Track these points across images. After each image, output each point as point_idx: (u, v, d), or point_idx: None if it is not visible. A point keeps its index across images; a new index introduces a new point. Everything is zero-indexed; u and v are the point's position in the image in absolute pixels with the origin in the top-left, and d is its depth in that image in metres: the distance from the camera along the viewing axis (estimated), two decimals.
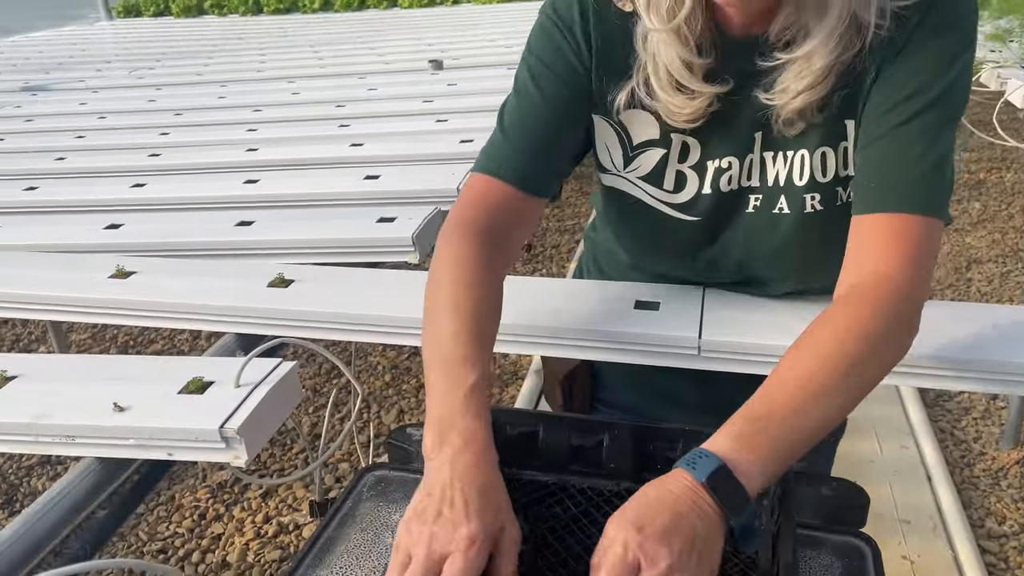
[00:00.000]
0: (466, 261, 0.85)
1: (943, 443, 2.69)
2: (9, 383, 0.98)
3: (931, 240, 0.81)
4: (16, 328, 3.92)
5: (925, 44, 0.80)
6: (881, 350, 0.76)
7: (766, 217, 0.93)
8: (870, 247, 0.81)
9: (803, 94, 0.82)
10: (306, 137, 2.37)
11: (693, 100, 0.86)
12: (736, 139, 0.90)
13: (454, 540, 0.65)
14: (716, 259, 1.00)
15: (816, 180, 0.90)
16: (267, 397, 0.91)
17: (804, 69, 0.80)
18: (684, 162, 0.93)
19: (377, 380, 3.33)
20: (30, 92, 3.62)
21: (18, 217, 1.75)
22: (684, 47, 0.83)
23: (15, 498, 2.82)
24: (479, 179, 0.93)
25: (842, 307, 0.78)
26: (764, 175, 0.92)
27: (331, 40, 4.96)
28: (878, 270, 0.79)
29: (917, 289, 0.79)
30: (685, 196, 0.94)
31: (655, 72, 0.86)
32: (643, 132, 0.92)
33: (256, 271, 1.26)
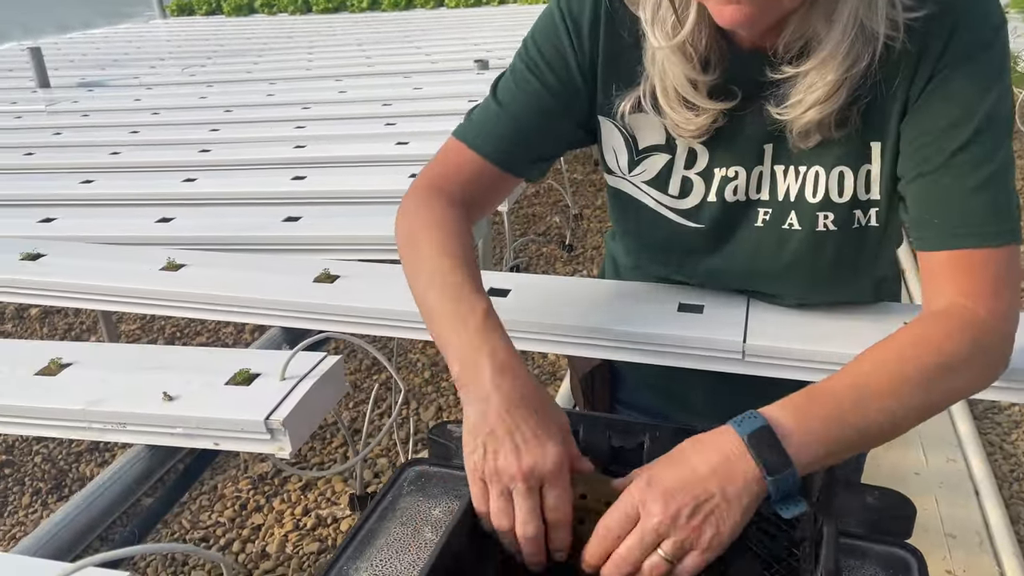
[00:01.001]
0: (440, 212, 0.90)
1: (992, 456, 2.62)
2: (64, 370, 1.01)
3: (1010, 268, 0.79)
4: (68, 317, 4.03)
5: (956, 72, 0.78)
6: (956, 369, 0.75)
7: (775, 232, 0.91)
8: (946, 285, 0.80)
9: (815, 107, 0.80)
10: (353, 135, 2.40)
11: (698, 116, 0.85)
12: (744, 149, 0.88)
13: (547, 466, 0.69)
14: (719, 269, 0.99)
15: (831, 199, 0.87)
16: (312, 390, 0.93)
17: (816, 81, 0.78)
18: (691, 168, 0.92)
19: (416, 377, 3.35)
20: (87, 88, 3.72)
21: (75, 209, 1.80)
22: (688, 64, 0.82)
23: (64, 483, 2.89)
24: (459, 147, 0.95)
25: (919, 323, 0.78)
26: (774, 189, 0.90)
27: (378, 39, 5.01)
28: (957, 302, 0.78)
29: (1003, 320, 0.78)
30: (691, 202, 0.93)
31: (662, 88, 0.85)
32: (649, 136, 0.91)
33: (303, 266, 1.28)
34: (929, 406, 0.74)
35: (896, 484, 1.16)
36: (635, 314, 1.00)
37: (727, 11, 0.73)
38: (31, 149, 2.42)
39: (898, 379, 0.72)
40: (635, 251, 1.08)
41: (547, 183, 5.09)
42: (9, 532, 2.68)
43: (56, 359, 1.03)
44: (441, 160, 0.96)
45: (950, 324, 0.77)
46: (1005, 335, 0.79)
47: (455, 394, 3.22)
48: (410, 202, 0.93)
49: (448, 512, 0.86)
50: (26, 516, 2.74)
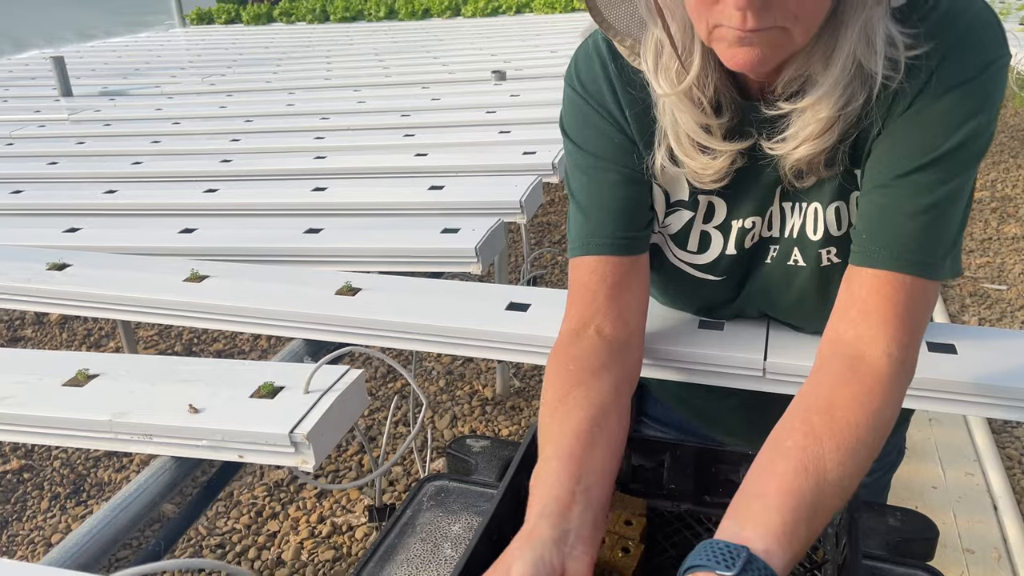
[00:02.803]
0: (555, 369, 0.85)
1: (1011, 471, 2.60)
2: (91, 381, 1.03)
3: (921, 300, 0.78)
4: (87, 323, 4.07)
5: (936, 101, 0.76)
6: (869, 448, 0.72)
7: (782, 269, 0.91)
8: (860, 301, 0.78)
9: (806, 144, 0.79)
10: (372, 146, 2.42)
11: (715, 160, 0.83)
12: (759, 196, 0.88)
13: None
14: (741, 311, 1.01)
15: (830, 234, 0.87)
16: (335, 404, 0.94)
17: (809, 119, 0.78)
18: (709, 222, 0.92)
19: (432, 385, 3.36)
20: (108, 97, 3.77)
21: (99, 219, 1.82)
22: (697, 109, 0.81)
23: (82, 488, 2.92)
24: (579, 263, 0.91)
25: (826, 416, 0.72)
26: (784, 226, 0.90)
27: (396, 49, 5.04)
28: (868, 339, 0.76)
29: (904, 350, 0.77)
30: (709, 257, 0.93)
31: (675, 136, 0.84)
32: (677, 192, 0.91)
33: (324, 279, 1.29)
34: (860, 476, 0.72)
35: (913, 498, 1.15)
36: (656, 330, 1.00)
37: (739, 54, 0.72)
38: (55, 158, 2.46)
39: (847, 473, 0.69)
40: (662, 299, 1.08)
41: (562, 193, 5.10)
42: (28, 536, 2.70)
43: (83, 370, 1.04)
44: (572, 291, 0.91)
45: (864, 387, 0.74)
46: (904, 369, 0.77)
47: (470, 403, 3.23)
48: (547, 365, 0.87)
49: (468, 528, 0.86)
50: (44, 521, 2.77)
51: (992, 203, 4.76)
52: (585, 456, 0.74)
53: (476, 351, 1.12)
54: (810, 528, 0.65)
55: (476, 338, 1.11)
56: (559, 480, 0.71)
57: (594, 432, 0.76)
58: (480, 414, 3.17)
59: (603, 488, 0.73)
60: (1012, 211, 4.62)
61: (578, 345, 0.86)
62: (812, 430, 0.70)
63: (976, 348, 0.98)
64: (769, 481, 0.67)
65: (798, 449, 0.69)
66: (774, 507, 0.65)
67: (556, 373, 0.84)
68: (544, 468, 0.73)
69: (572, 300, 0.91)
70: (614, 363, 0.85)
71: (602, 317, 0.88)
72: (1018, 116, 6.26)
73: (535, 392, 3.28)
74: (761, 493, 0.67)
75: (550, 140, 2.19)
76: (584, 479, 0.71)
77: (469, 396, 3.28)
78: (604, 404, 0.80)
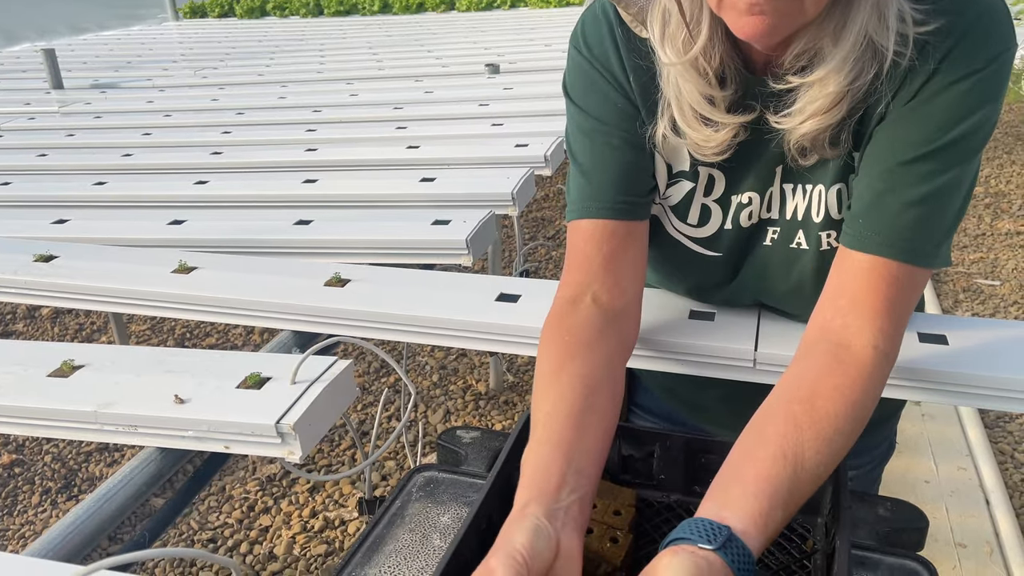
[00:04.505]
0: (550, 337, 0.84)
1: (1003, 465, 2.61)
2: (76, 372, 1.02)
3: (911, 287, 0.79)
4: (79, 317, 4.05)
5: (944, 91, 0.76)
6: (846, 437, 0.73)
7: (783, 252, 0.91)
8: (849, 287, 0.79)
9: (813, 119, 0.78)
10: (364, 139, 2.41)
11: (718, 132, 0.83)
12: (759, 172, 0.88)
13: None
14: (735, 295, 0.99)
15: (831, 217, 0.87)
16: (323, 394, 0.93)
17: (817, 93, 0.77)
18: (709, 196, 0.91)
19: (425, 380, 3.35)
20: (99, 89, 3.74)
21: (88, 211, 1.81)
22: (703, 80, 0.81)
23: (73, 483, 2.91)
24: (577, 227, 0.90)
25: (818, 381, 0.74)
26: (783, 208, 0.89)
27: (389, 43, 5.02)
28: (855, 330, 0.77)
29: (888, 341, 0.77)
30: (708, 231, 0.93)
31: (678, 108, 0.83)
32: (679, 163, 0.91)
33: (313, 270, 1.28)
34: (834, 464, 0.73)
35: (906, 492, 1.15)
36: (646, 321, 1.00)
37: (748, 23, 0.71)
38: (44, 150, 2.44)
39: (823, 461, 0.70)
40: (658, 280, 1.08)
41: (557, 187, 5.09)
42: (19, 531, 2.69)
43: (68, 361, 1.03)
44: (569, 257, 0.91)
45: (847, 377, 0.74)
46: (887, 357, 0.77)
47: (463, 397, 3.23)
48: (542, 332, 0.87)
49: (457, 519, 0.86)
50: (35, 515, 2.76)
51: (986, 199, 4.77)
52: (576, 439, 0.74)
53: (465, 342, 1.11)
54: (785, 512, 0.67)
55: (465, 329, 1.10)
56: (550, 464, 0.71)
57: (586, 414, 0.76)
58: (473, 409, 3.16)
59: (594, 468, 0.73)
60: (1006, 207, 4.63)
61: (574, 315, 0.86)
62: (794, 419, 0.71)
63: (967, 339, 0.98)
64: (749, 466, 0.69)
65: (778, 436, 0.70)
66: (752, 493, 0.66)
67: (551, 343, 0.84)
68: (535, 452, 0.73)
69: (569, 266, 0.90)
70: (610, 333, 0.85)
71: (599, 285, 0.87)
72: (1012, 112, 6.27)
73: (528, 387, 3.27)
74: (741, 478, 0.68)
75: (543, 133, 2.19)
76: (575, 461, 0.72)
77: (462, 391, 3.28)
78: (598, 379, 0.80)
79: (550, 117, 2.43)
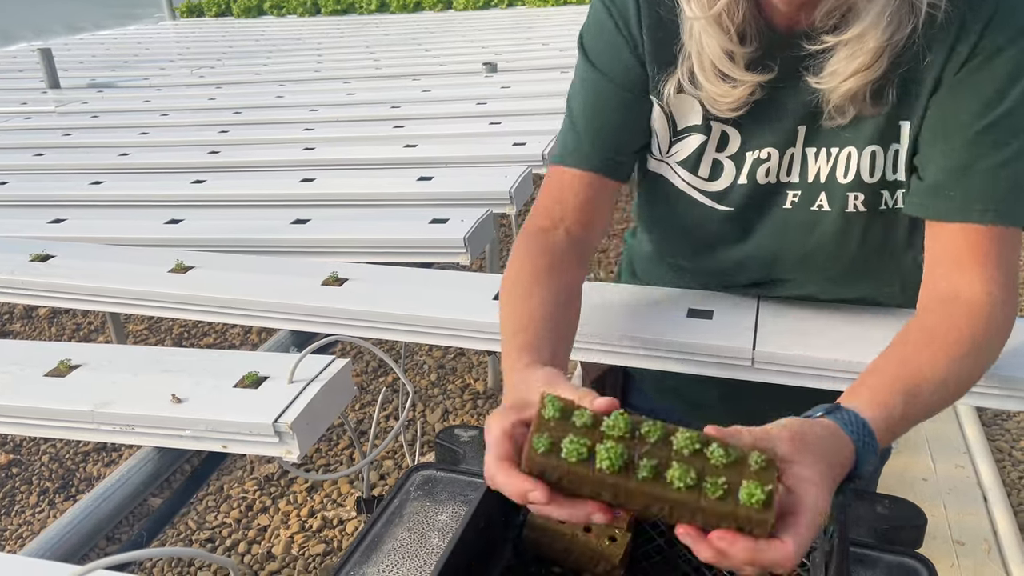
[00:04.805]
0: (525, 251, 0.91)
1: (1000, 463, 2.61)
2: (73, 371, 1.01)
3: (1011, 248, 0.81)
4: (76, 317, 4.05)
5: (992, 58, 0.78)
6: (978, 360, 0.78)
7: (804, 214, 0.92)
8: (955, 260, 0.81)
9: (854, 76, 0.80)
10: (361, 137, 2.40)
11: (735, 88, 0.85)
12: (778, 130, 0.89)
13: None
14: (742, 259, 0.98)
15: (862, 179, 0.88)
16: (320, 393, 0.92)
17: (856, 50, 0.79)
18: (722, 151, 0.92)
19: (423, 379, 3.35)
20: (96, 89, 3.74)
21: (85, 210, 1.81)
22: (725, 35, 0.83)
23: (71, 483, 2.90)
24: (557, 172, 0.96)
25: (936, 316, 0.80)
26: (804, 171, 0.90)
27: (387, 41, 5.02)
28: (965, 284, 0.80)
29: (1005, 300, 0.80)
30: (720, 185, 0.93)
31: (699, 61, 0.86)
32: (687, 118, 0.92)
33: (311, 269, 1.28)
34: (956, 398, 0.79)
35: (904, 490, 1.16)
36: (644, 319, 1.00)
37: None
38: (41, 150, 2.43)
39: (942, 382, 0.75)
40: (659, 240, 1.08)
41: None
42: (16, 531, 2.69)
43: (65, 360, 1.03)
44: (545, 193, 0.96)
45: (970, 318, 0.78)
46: (1007, 316, 0.80)
47: (461, 396, 3.22)
48: (516, 249, 0.93)
49: (455, 517, 0.85)
50: (33, 516, 2.75)
51: None
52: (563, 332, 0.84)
53: (464, 341, 1.11)
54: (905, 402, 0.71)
55: (464, 328, 1.10)
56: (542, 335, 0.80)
57: (562, 320, 0.85)
58: (472, 407, 3.16)
59: (565, 361, 0.82)
60: None
61: (549, 240, 0.92)
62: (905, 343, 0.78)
63: None
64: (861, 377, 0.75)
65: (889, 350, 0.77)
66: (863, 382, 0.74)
67: (529, 256, 0.90)
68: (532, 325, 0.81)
69: (545, 201, 0.95)
70: (576, 260, 0.92)
71: (572, 221, 0.94)
72: None
73: None
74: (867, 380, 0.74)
75: (541, 131, 2.18)
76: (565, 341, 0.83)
77: (461, 390, 3.28)
78: (569, 296, 0.88)
79: (548, 116, 2.42)
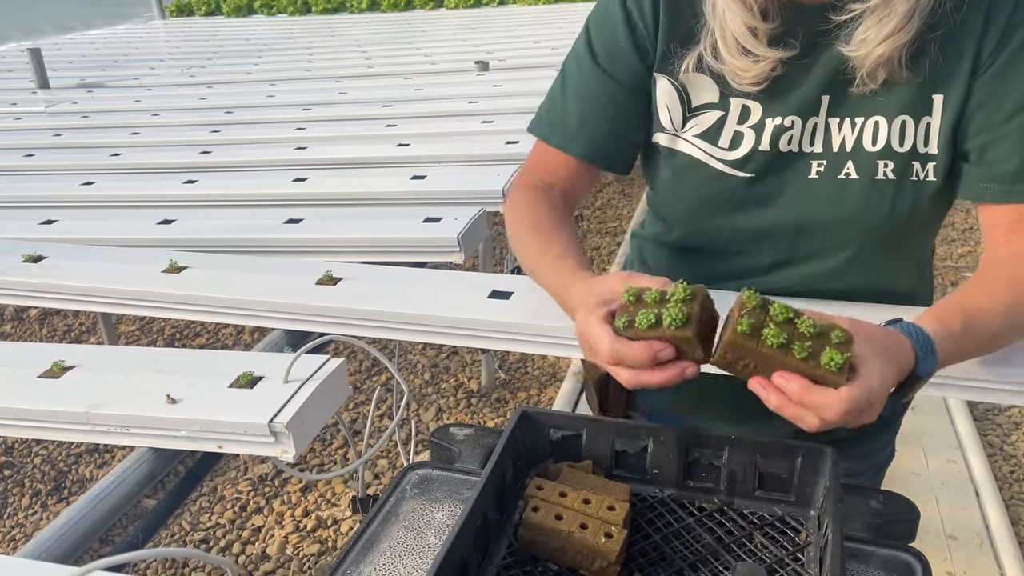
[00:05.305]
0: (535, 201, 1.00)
1: (992, 458, 2.62)
2: (67, 373, 1.01)
3: None
4: (68, 318, 4.03)
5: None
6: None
7: (831, 182, 0.92)
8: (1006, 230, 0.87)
9: (886, 41, 0.82)
10: (353, 136, 2.40)
11: (757, 64, 0.87)
12: (801, 99, 0.90)
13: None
14: (767, 226, 0.97)
15: (892, 148, 0.89)
16: (315, 393, 0.92)
17: (885, 15, 0.81)
18: (743, 124, 0.93)
19: (417, 378, 3.35)
20: (86, 89, 3.72)
21: (76, 211, 1.80)
22: (748, 12, 0.85)
23: (63, 484, 2.89)
24: (538, 145, 1.04)
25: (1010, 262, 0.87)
26: (828, 140, 0.91)
27: (378, 40, 5.01)
28: (1016, 244, 0.86)
29: None
30: (740, 152, 0.94)
31: (721, 36, 0.87)
32: (702, 95, 0.94)
33: (305, 268, 1.28)
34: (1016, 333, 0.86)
35: (896, 485, 1.16)
36: None
37: None
38: (31, 150, 2.42)
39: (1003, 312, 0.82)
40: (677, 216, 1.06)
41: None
42: (9, 533, 2.67)
43: (59, 362, 1.03)
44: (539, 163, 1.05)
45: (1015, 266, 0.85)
46: None
47: (455, 395, 3.22)
48: (509, 196, 1.04)
49: (451, 516, 0.85)
50: (26, 518, 2.74)
51: None
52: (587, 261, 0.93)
53: (458, 340, 1.11)
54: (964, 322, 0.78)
55: (458, 327, 1.10)
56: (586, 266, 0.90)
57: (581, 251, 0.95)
58: (466, 406, 3.16)
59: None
60: None
61: (552, 198, 1.01)
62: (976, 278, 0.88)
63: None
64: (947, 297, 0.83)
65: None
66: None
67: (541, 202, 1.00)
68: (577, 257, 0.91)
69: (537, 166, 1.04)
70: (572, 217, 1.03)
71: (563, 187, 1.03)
72: None
73: (520, 384, 3.27)
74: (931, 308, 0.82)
75: None
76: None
77: (455, 388, 3.28)
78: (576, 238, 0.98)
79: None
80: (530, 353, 1.00)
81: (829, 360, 0.67)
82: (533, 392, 3.21)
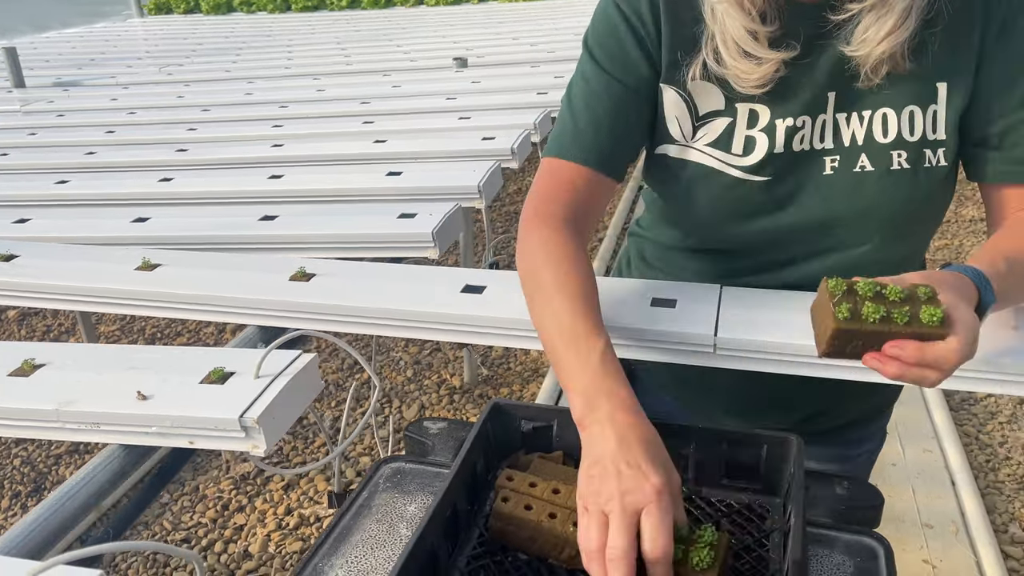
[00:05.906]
0: (557, 244, 0.91)
1: (968, 447, 2.66)
2: (37, 371, 1.01)
3: None
4: (47, 319, 4.00)
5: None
6: None
7: (847, 177, 0.93)
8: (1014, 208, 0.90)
9: (888, 38, 0.83)
10: (330, 133, 2.39)
11: (760, 66, 0.88)
12: (808, 98, 0.91)
13: (645, 492, 0.68)
14: (787, 227, 0.97)
15: (903, 138, 0.91)
16: (286, 388, 0.92)
17: (883, 13, 0.82)
18: (753, 128, 0.94)
19: (399, 375, 3.35)
20: (62, 88, 3.69)
21: (50, 210, 1.79)
22: (746, 16, 0.86)
23: (43, 486, 2.87)
24: (551, 163, 0.97)
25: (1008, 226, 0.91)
26: (838, 136, 0.93)
27: (358, 37, 5.00)
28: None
29: None
30: (755, 158, 0.95)
31: (722, 41, 0.88)
32: (708, 103, 0.94)
33: (278, 265, 1.28)
34: None
35: (873, 475, 1.18)
36: (608, 308, 1.00)
37: None
38: (5, 150, 2.40)
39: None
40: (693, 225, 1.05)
41: (528, 181, 5.09)
42: None
43: (29, 360, 1.02)
44: (538, 183, 0.98)
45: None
46: None
47: (438, 392, 3.22)
48: (524, 237, 0.94)
49: (423, 508, 0.86)
50: (5, 519, 2.72)
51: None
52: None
53: (431, 334, 1.11)
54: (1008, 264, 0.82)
55: (430, 320, 1.10)
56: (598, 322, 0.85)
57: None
58: (448, 403, 3.16)
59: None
60: (969, 194, 4.70)
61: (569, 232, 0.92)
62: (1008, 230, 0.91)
63: None
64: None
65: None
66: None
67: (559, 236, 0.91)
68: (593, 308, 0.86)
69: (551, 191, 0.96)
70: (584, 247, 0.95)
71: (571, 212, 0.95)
72: None
73: (503, 380, 3.28)
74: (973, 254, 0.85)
75: (510, 126, 2.19)
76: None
77: (437, 385, 3.28)
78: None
79: (517, 110, 2.43)
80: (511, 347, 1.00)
81: (929, 317, 0.70)
82: (516, 387, 3.22)
